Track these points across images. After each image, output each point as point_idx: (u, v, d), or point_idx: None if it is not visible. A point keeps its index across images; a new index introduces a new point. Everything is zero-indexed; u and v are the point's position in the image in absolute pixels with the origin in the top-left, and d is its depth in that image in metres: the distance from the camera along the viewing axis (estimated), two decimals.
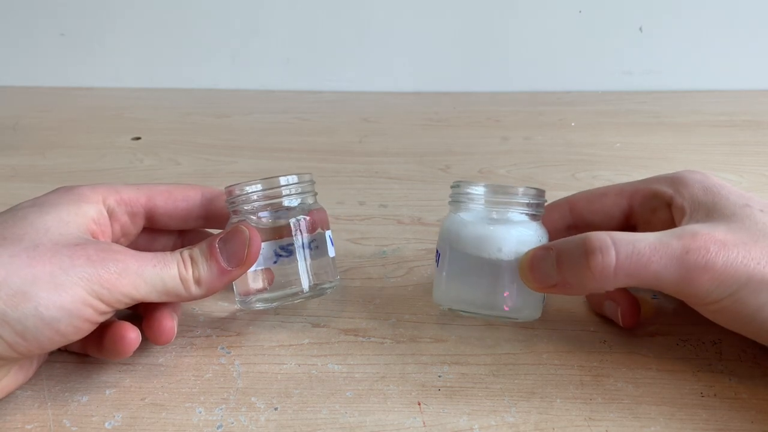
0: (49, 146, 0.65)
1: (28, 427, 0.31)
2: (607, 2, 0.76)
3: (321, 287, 0.37)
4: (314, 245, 0.36)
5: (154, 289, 0.31)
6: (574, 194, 0.39)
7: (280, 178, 0.36)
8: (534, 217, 0.35)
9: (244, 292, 0.36)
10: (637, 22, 0.77)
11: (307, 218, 0.36)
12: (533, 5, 0.77)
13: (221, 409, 0.32)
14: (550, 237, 0.38)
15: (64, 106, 0.77)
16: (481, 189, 0.35)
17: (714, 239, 0.29)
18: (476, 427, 0.31)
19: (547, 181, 0.56)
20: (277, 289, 0.36)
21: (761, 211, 0.31)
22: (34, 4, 0.78)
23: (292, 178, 0.36)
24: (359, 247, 0.46)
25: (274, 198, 0.36)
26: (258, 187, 0.35)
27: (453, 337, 0.37)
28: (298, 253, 0.35)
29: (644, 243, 0.30)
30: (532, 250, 0.33)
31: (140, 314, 0.35)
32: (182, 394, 0.33)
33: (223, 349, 0.36)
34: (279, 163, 0.60)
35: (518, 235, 0.34)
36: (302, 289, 0.36)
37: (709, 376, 0.33)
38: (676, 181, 0.35)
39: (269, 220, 0.35)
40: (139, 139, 0.67)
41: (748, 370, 0.33)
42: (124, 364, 0.34)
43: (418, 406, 0.32)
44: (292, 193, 0.36)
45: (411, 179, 0.57)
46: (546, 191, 0.36)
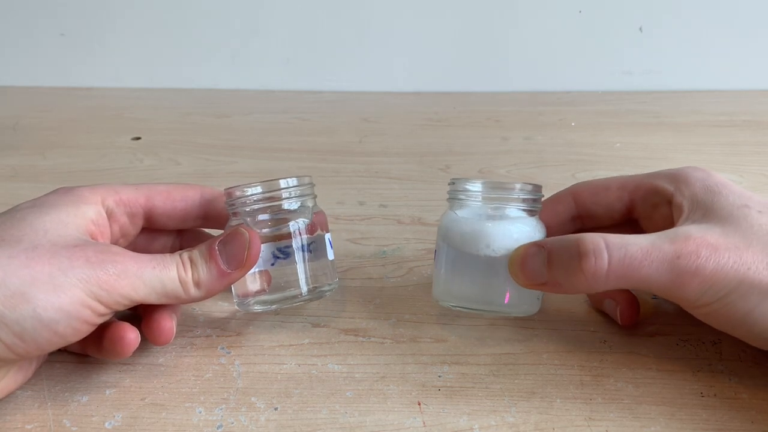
0: (49, 146, 0.65)
1: (28, 427, 0.31)
2: (607, 2, 0.76)
3: (319, 290, 0.37)
4: (313, 248, 0.36)
5: (153, 290, 0.31)
6: (577, 185, 0.39)
7: (280, 181, 0.36)
8: (531, 212, 0.35)
9: (243, 294, 0.36)
10: (637, 22, 0.77)
11: (307, 221, 0.36)
12: (533, 5, 0.77)
13: (221, 409, 0.32)
14: (555, 229, 0.38)
15: (64, 106, 0.77)
16: (476, 186, 0.35)
17: (706, 243, 0.29)
18: (476, 427, 0.31)
19: (547, 181, 0.56)
20: (276, 291, 0.36)
21: (759, 213, 0.31)
22: (34, 4, 0.78)
23: (292, 181, 0.36)
24: (359, 247, 0.46)
25: (273, 201, 0.35)
26: (258, 189, 0.35)
27: (453, 337, 0.37)
28: (297, 256, 0.35)
29: (636, 247, 0.30)
30: (523, 247, 0.33)
31: (140, 315, 0.35)
32: (182, 394, 0.33)
33: (223, 349, 0.36)
34: (279, 163, 0.60)
35: (513, 231, 0.34)
36: (300, 291, 0.36)
37: (709, 376, 0.33)
38: (678, 178, 0.35)
39: (268, 223, 0.35)
40: (139, 139, 0.67)
41: (748, 370, 0.33)
42: (124, 364, 0.34)
43: (418, 406, 0.32)
44: (291, 196, 0.36)
45: (411, 179, 0.57)
46: (545, 191, 0.36)
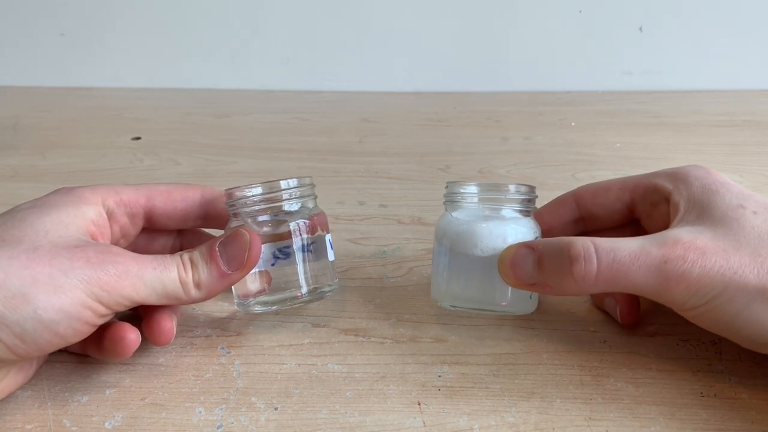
0: (49, 146, 0.65)
1: (28, 427, 0.31)
2: (607, 2, 0.76)
3: (320, 291, 0.37)
4: (313, 248, 0.36)
5: (154, 291, 0.31)
6: (579, 188, 0.39)
7: (281, 182, 0.36)
8: (525, 213, 0.35)
9: (243, 294, 0.36)
10: (637, 22, 0.77)
11: (307, 222, 0.36)
12: (533, 5, 0.77)
13: (221, 409, 0.32)
14: (558, 231, 0.38)
15: (64, 106, 0.77)
16: (470, 188, 0.36)
17: (694, 247, 0.30)
18: (476, 427, 0.31)
19: (547, 181, 0.56)
20: (276, 291, 0.36)
21: (754, 213, 0.31)
22: (34, 4, 0.78)
23: (293, 182, 0.36)
24: (359, 247, 0.46)
25: (274, 202, 0.35)
26: (258, 190, 0.35)
27: (453, 337, 0.37)
28: (297, 256, 0.35)
29: (625, 252, 0.30)
30: (514, 247, 0.33)
31: (140, 315, 0.35)
32: (182, 394, 0.33)
33: (223, 349, 0.36)
34: (279, 163, 0.60)
35: (507, 232, 0.35)
36: (300, 292, 0.36)
37: (709, 376, 0.33)
38: (676, 177, 0.35)
39: (269, 224, 0.35)
40: (139, 139, 0.67)
41: (748, 370, 0.33)
42: (124, 364, 0.34)
43: (418, 406, 0.32)
44: (292, 197, 0.36)
45: (411, 179, 0.57)
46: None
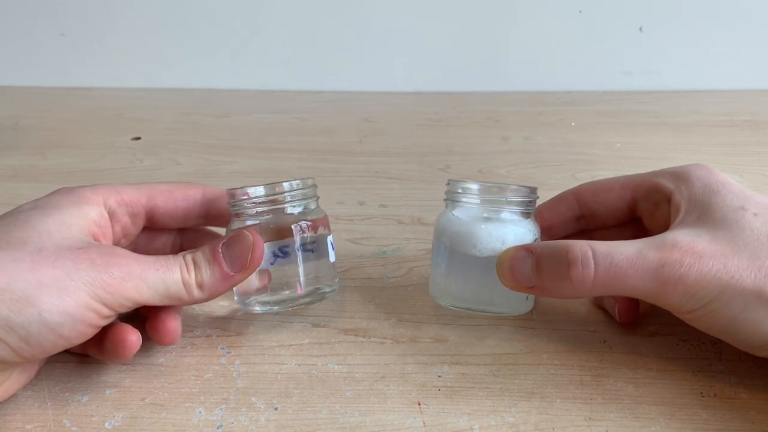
0: (49, 146, 0.65)
1: (28, 427, 0.31)
2: (607, 2, 0.76)
3: (320, 292, 0.37)
4: (314, 248, 0.36)
5: (157, 293, 0.31)
6: (580, 185, 0.39)
7: (284, 184, 0.36)
8: (525, 214, 0.35)
9: (243, 292, 0.36)
10: (637, 22, 0.77)
11: (308, 222, 0.36)
12: (533, 5, 0.77)
13: (221, 409, 0.32)
14: (558, 228, 0.39)
15: (64, 106, 0.77)
16: (471, 187, 0.35)
17: (691, 251, 0.30)
18: (476, 427, 0.31)
19: (547, 181, 0.56)
20: (276, 291, 0.36)
21: (755, 215, 0.31)
22: (34, 4, 0.78)
23: (296, 184, 0.36)
24: (359, 247, 0.46)
25: (277, 204, 0.35)
26: (261, 191, 0.35)
27: (453, 337, 0.37)
28: (297, 256, 0.35)
29: (622, 256, 0.30)
30: (512, 250, 0.33)
31: (142, 315, 0.35)
32: (182, 394, 0.33)
33: (223, 349, 0.36)
34: (279, 163, 0.60)
35: (506, 233, 0.35)
36: (299, 292, 0.36)
37: (709, 376, 0.33)
38: (679, 177, 0.35)
39: (270, 226, 0.35)
40: (139, 139, 0.67)
41: (748, 370, 0.33)
42: (124, 365, 0.34)
43: (418, 406, 0.32)
44: (295, 199, 0.36)
45: (411, 179, 0.57)
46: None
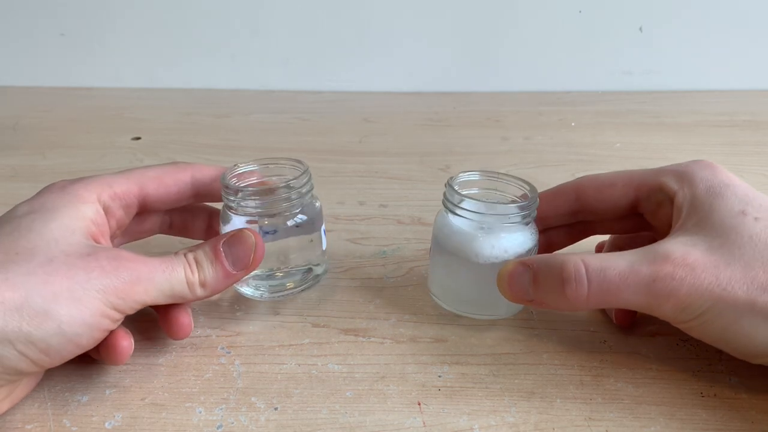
0: (49, 146, 0.65)
1: (28, 427, 0.31)
2: (607, 2, 0.76)
3: (313, 274, 0.38)
4: (303, 225, 0.37)
5: (163, 293, 0.31)
6: (583, 179, 0.38)
7: (281, 189, 0.36)
8: (523, 220, 0.35)
9: None
10: (637, 22, 0.77)
11: (304, 217, 0.37)
12: (533, 5, 0.77)
13: (221, 409, 0.32)
14: (553, 221, 0.39)
15: (64, 106, 0.77)
16: (470, 205, 0.35)
17: (684, 264, 0.30)
18: (476, 427, 0.31)
19: (547, 181, 0.56)
20: (265, 265, 0.36)
21: (756, 220, 0.31)
22: (34, 4, 0.78)
23: (295, 188, 0.36)
24: (359, 247, 0.46)
25: (273, 207, 0.36)
26: (257, 199, 0.35)
27: (453, 337, 0.37)
28: (287, 232, 0.36)
29: (615, 272, 0.30)
30: (511, 264, 0.34)
31: (154, 311, 0.35)
32: (182, 394, 0.33)
33: (223, 349, 0.36)
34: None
35: (503, 241, 0.35)
36: (288, 266, 0.37)
37: (709, 376, 0.33)
38: (683, 177, 0.34)
39: (265, 221, 0.36)
40: (139, 139, 0.67)
41: (748, 370, 0.33)
42: (124, 364, 0.34)
43: (418, 406, 0.32)
44: (293, 203, 0.36)
45: (411, 179, 0.57)
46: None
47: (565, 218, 0.39)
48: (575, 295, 0.31)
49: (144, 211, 0.37)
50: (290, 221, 0.36)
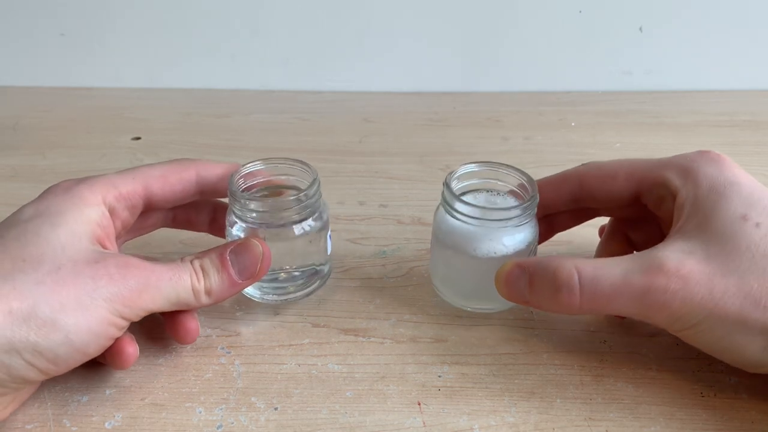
0: (49, 146, 0.65)
1: (28, 427, 0.31)
2: (607, 2, 0.76)
3: (318, 273, 0.38)
4: (311, 236, 0.37)
5: (168, 301, 0.31)
6: (587, 167, 0.38)
7: (291, 202, 0.35)
8: (522, 220, 0.35)
9: None
10: (637, 22, 0.77)
11: (312, 225, 0.37)
12: (533, 5, 0.77)
13: (221, 409, 0.32)
14: (557, 206, 0.38)
15: (64, 106, 0.77)
16: (468, 208, 0.35)
17: (677, 275, 0.29)
18: (476, 427, 0.31)
19: None
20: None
21: (757, 226, 0.30)
22: (34, 4, 0.78)
23: (303, 201, 0.36)
24: (359, 247, 0.46)
25: (281, 218, 0.36)
26: (265, 207, 0.35)
27: (453, 337, 0.37)
28: (294, 232, 0.36)
29: (608, 281, 0.30)
30: (508, 265, 0.34)
31: (159, 315, 0.35)
32: (182, 394, 0.33)
33: (223, 349, 0.36)
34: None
35: (503, 238, 0.35)
36: (291, 267, 0.36)
37: (709, 376, 0.33)
38: (687, 173, 0.33)
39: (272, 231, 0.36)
40: (139, 139, 0.67)
41: None
42: None
43: (418, 406, 0.32)
44: (301, 210, 0.36)
45: (411, 179, 0.57)
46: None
47: (568, 204, 0.38)
48: (567, 303, 0.31)
49: (148, 209, 0.37)
50: (298, 230, 0.36)
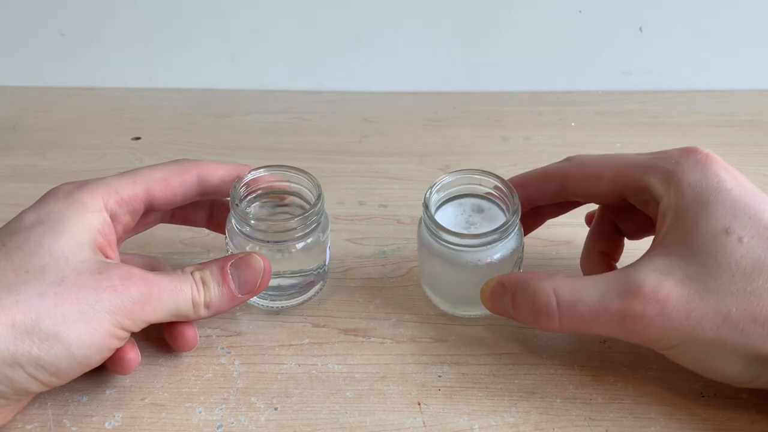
0: (49, 146, 0.65)
1: (28, 427, 0.31)
2: (607, 2, 0.76)
3: (314, 274, 0.38)
4: (311, 249, 0.37)
5: (169, 312, 0.31)
6: (568, 167, 0.37)
7: (291, 222, 0.35)
8: (503, 235, 0.35)
9: None
10: (637, 22, 0.77)
11: (313, 239, 0.36)
12: (533, 5, 0.76)
13: (221, 409, 0.32)
14: (542, 202, 0.38)
15: (64, 106, 0.77)
16: (449, 236, 0.34)
17: (655, 299, 0.29)
18: (476, 427, 0.31)
19: None
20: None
21: (739, 241, 0.29)
22: (34, 4, 0.78)
23: (307, 220, 0.35)
24: (359, 247, 0.46)
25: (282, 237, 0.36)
26: (268, 227, 0.35)
27: (453, 337, 0.37)
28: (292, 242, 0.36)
29: (586, 307, 0.30)
30: (492, 282, 0.34)
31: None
32: (182, 394, 0.33)
33: (223, 349, 0.36)
34: (279, 163, 0.60)
35: (491, 251, 0.35)
36: (287, 274, 0.36)
37: None
38: (669, 179, 0.32)
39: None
40: (139, 139, 0.67)
41: None
42: None
43: (418, 406, 0.32)
44: (304, 228, 0.36)
45: (411, 179, 0.57)
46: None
47: (553, 200, 0.38)
48: (547, 326, 0.31)
49: (150, 211, 0.37)
50: (299, 244, 0.36)
